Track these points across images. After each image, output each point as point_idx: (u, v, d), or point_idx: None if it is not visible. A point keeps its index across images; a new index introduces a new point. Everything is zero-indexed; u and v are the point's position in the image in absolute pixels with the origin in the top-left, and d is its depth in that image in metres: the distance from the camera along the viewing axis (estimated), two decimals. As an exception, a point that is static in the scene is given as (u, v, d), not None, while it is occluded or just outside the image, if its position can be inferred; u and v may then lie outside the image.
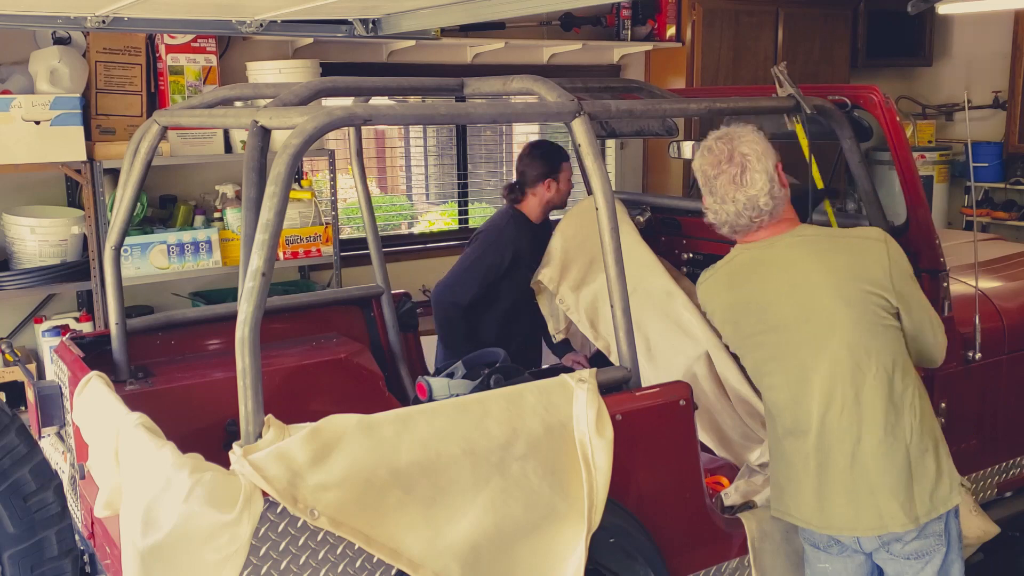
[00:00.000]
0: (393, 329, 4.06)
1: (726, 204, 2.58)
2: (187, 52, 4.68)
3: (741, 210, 2.57)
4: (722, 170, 2.57)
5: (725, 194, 2.57)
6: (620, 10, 6.03)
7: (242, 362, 2.23)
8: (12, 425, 2.88)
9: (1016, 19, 6.82)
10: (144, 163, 3.19)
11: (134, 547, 2.23)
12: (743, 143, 2.58)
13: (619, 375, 2.74)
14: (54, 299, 4.77)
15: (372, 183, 6.16)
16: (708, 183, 2.60)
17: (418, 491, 2.36)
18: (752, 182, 2.55)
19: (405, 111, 2.73)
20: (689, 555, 2.89)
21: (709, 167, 2.60)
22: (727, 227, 2.64)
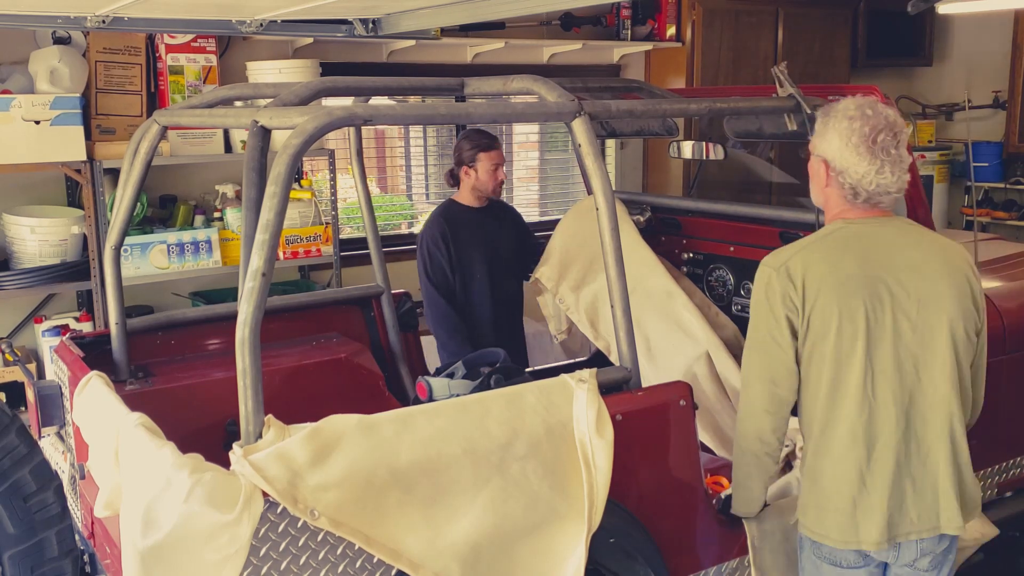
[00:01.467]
0: (393, 329, 4.06)
1: (883, 172, 2.45)
2: (187, 52, 4.68)
3: (892, 181, 2.45)
4: (886, 135, 2.45)
5: (884, 160, 2.44)
6: (620, 10, 6.03)
7: (242, 362, 2.23)
8: (12, 425, 2.88)
9: (1016, 19, 6.82)
10: (144, 163, 3.19)
11: (134, 547, 2.23)
12: (898, 117, 2.50)
13: (619, 375, 2.74)
14: (54, 299, 4.77)
15: (372, 183, 6.16)
16: (865, 143, 2.44)
17: (418, 491, 2.36)
18: (905, 157, 2.48)
19: (405, 111, 2.73)
20: (689, 555, 2.89)
21: (871, 129, 2.44)
22: (864, 197, 2.48)
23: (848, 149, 2.45)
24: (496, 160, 4.18)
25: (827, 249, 2.50)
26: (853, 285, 2.45)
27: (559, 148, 6.65)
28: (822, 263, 2.48)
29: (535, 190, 6.59)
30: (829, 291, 2.45)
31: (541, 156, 6.66)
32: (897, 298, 2.45)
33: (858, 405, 2.47)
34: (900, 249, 2.50)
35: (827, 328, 2.46)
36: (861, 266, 2.47)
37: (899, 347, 2.46)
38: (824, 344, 2.47)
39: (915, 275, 2.47)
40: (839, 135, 2.47)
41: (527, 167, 6.61)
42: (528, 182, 6.60)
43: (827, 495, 2.52)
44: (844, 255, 2.48)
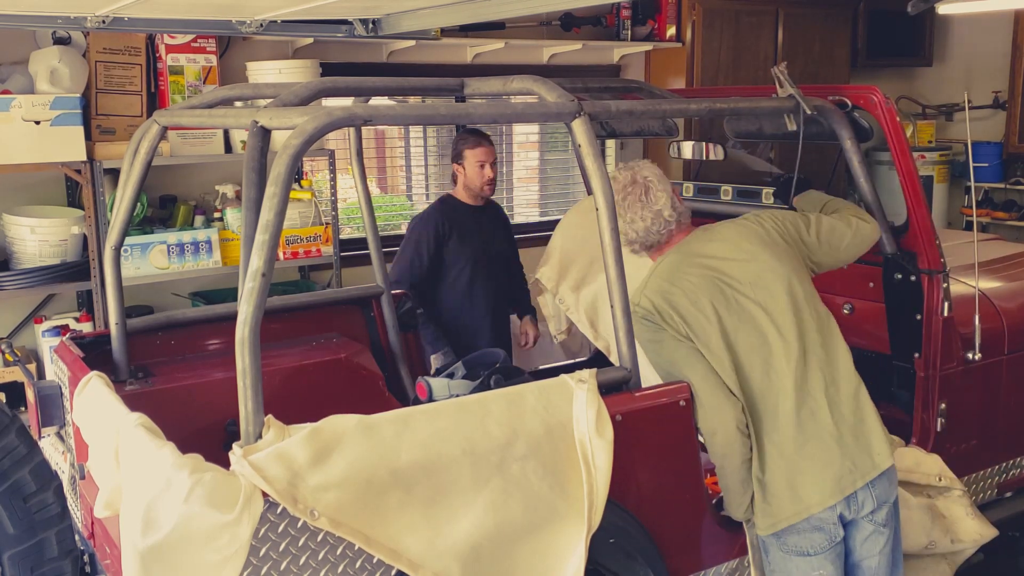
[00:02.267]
0: (393, 329, 4.06)
1: (636, 223, 2.87)
2: (187, 52, 4.68)
3: (650, 225, 2.86)
4: (628, 192, 2.87)
5: (635, 214, 2.86)
6: (620, 10, 6.03)
7: (242, 362, 2.23)
8: (12, 426, 2.88)
9: (1016, 19, 6.82)
10: (144, 163, 3.19)
11: (134, 547, 2.23)
12: (643, 168, 2.91)
13: (619, 375, 2.74)
14: (54, 299, 4.77)
15: (372, 183, 6.16)
16: (618, 207, 2.81)
17: (418, 491, 2.36)
18: (656, 199, 2.86)
19: (405, 111, 2.73)
20: (689, 555, 2.89)
21: (616, 193, 2.84)
22: (638, 244, 2.91)
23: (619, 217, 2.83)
24: (481, 157, 4.31)
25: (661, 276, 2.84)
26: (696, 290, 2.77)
27: (559, 148, 6.65)
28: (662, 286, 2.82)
29: (535, 190, 6.60)
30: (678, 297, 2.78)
31: (541, 156, 6.66)
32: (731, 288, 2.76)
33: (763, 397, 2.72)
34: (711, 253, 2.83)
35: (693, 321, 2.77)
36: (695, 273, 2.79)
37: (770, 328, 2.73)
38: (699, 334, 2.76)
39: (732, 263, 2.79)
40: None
41: (527, 167, 6.62)
42: (528, 182, 6.60)
43: (765, 486, 2.72)
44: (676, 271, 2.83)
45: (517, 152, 6.54)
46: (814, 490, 2.67)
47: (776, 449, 2.71)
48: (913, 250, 3.31)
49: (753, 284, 2.77)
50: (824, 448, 2.68)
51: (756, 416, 2.73)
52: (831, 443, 2.69)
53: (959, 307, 3.40)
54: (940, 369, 3.36)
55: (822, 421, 2.69)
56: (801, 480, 2.68)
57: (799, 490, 2.68)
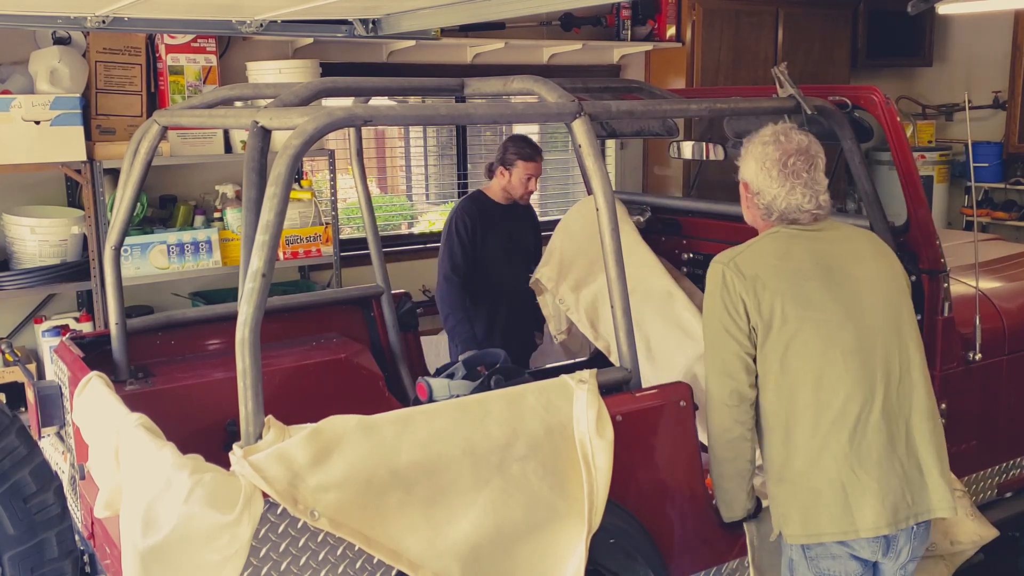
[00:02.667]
0: (393, 329, 4.06)
1: (795, 192, 2.58)
2: (187, 52, 4.67)
3: (804, 202, 2.59)
4: (798, 159, 2.59)
5: (796, 182, 2.58)
6: (620, 10, 6.03)
7: (242, 363, 2.23)
8: (12, 426, 2.88)
9: (1016, 19, 6.82)
10: (144, 163, 3.19)
11: (134, 548, 2.23)
12: (812, 142, 2.64)
13: (619, 376, 2.74)
14: (54, 299, 4.76)
15: (372, 183, 6.16)
16: (780, 166, 2.58)
17: (418, 492, 2.35)
18: (821, 180, 2.62)
19: (405, 111, 2.73)
20: (689, 556, 2.89)
21: (781, 153, 2.59)
22: (776, 215, 2.62)
23: (762, 172, 2.62)
24: (532, 171, 4.34)
25: (773, 245, 2.62)
26: (803, 274, 2.56)
27: (559, 148, 6.65)
28: (770, 256, 2.59)
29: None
30: (780, 282, 2.54)
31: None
32: (845, 284, 2.56)
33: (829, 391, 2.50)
34: (837, 241, 2.63)
35: (783, 318, 2.53)
36: (807, 257, 2.58)
37: (860, 328, 2.53)
38: (780, 334, 2.53)
39: (857, 262, 2.61)
40: (755, 159, 2.64)
41: (527, 167, 6.61)
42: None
43: (813, 491, 2.51)
44: (790, 249, 2.60)
45: (517, 152, 6.52)
46: (870, 512, 2.46)
47: (832, 455, 2.48)
48: (913, 250, 3.31)
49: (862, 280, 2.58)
50: (887, 472, 2.48)
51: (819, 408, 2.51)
52: (895, 468, 2.49)
53: (959, 307, 3.40)
54: (940, 369, 3.36)
55: (892, 444, 2.50)
56: (858, 496, 2.47)
57: (854, 506, 2.47)
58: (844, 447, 2.48)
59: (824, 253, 2.60)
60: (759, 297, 2.54)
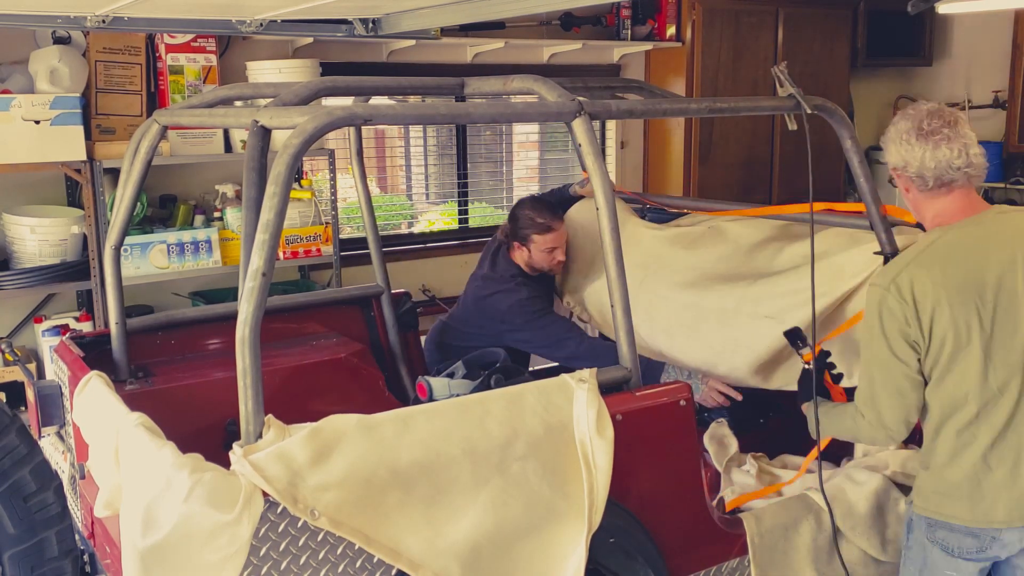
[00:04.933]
0: (393, 329, 4.07)
1: (940, 149, 2.50)
2: (187, 52, 4.67)
3: (953, 157, 2.50)
4: (934, 119, 2.53)
5: (938, 139, 2.50)
6: (620, 10, 6.03)
7: (242, 362, 2.23)
8: (12, 426, 2.88)
9: (1016, 19, 6.83)
10: (144, 163, 3.19)
11: (134, 547, 2.23)
12: (943, 105, 2.59)
13: (619, 375, 2.74)
14: (54, 299, 4.76)
15: (372, 183, 6.16)
16: (916, 131, 2.53)
17: (418, 491, 2.36)
18: (967, 135, 2.52)
19: (405, 111, 2.73)
20: (689, 555, 2.89)
21: (913, 122, 2.54)
22: (933, 181, 2.52)
23: (902, 146, 2.56)
24: (553, 243, 3.85)
25: (932, 259, 2.52)
26: (963, 290, 2.47)
27: (559, 148, 6.65)
28: (929, 274, 2.49)
29: (535, 190, 6.59)
30: (942, 301, 2.47)
31: (541, 156, 6.66)
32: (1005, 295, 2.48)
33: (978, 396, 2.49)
34: (998, 246, 2.52)
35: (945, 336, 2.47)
36: (966, 271, 2.49)
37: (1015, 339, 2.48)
38: (943, 350, 2.49)
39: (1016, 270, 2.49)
40: (892, 141, 2.59)
41: (527, 167, 6.62)
42: (528, 182, 6.60)
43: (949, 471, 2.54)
44: (948, 262, 2.50)
45: (517, 152, 6.54)
46: (1001, 506, 2.49)
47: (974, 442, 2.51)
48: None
49: None
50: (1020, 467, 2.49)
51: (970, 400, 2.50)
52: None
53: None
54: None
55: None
56: (990, 487, 2.50)
57: (984, 497, 2.50)
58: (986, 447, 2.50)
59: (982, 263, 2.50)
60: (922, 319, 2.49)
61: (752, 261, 3.69)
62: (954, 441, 2.54)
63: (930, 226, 2.63)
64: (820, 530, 3.04)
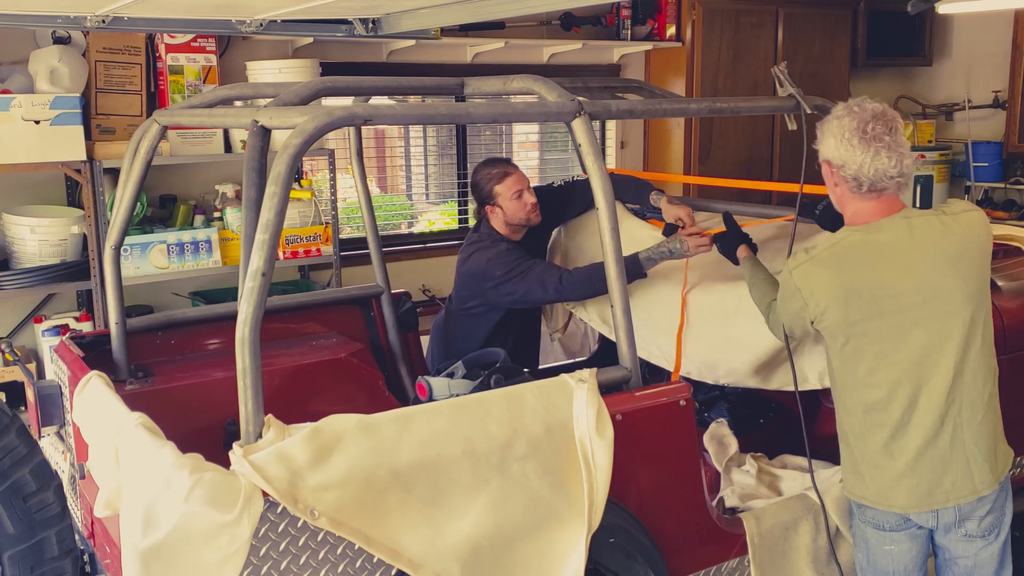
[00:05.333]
0: (393, 329, 4.06)
1: (879, 157, 2.55)
2: (187, 52, 4.68)
3: (890, 167, 2.55)
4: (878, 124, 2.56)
5: (879, 146, 2.54)
6: (620, 10, 6.03)
7: (242, 362, 2.23)
8: (12, 425, 2.88)
9: (1016, 19, 6.82)
10: (144, 163, 3.19)
11: (134, 547, 2.23)
12: (887, 108, 2.62)
13: (619, 375, 2.74)
14: (54, 299, 4.77)
15: (372, 183, 6.16)
16: (860, 134, 2.55)
17: (418, 491, 2.36)
18: (903, 143, 2.59)
19: (405, 111, 2.73)
20: (689, 555, 2.89)
21: (859, 122, 2.56)
22: (867, 185, 2.58)
23: (842, 144, 2.59)
24: (515, 187, 3.81)
25: (832, 259, 2.62)
26: (856, 291, 2.58)
27: (559, 148, 6.65)
28: (826, 272, 2.61)
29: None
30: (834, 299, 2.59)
31: (541, 156, 6.66)
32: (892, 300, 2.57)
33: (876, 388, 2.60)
34: (903, 252, 2.60)
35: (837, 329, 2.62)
36: (861, 273, 2.59)
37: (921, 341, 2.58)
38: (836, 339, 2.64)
39: (916, 276, 2.58)
40: (833, 135, 2.62)
41: (527, 167, 6.62)
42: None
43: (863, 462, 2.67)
44: (845, 263, 2.61)
45: (517, 152, 6.54)
46: (902, 493, 2.62)
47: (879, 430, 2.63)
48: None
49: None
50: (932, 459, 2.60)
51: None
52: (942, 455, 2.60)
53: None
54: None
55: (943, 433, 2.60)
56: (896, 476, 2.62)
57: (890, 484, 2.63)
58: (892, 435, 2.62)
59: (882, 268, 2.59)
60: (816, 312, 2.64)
61: None
62: (863, 421, 2.67)
63: (848, 222, 2.69)
64: (819, 531, 3.04)
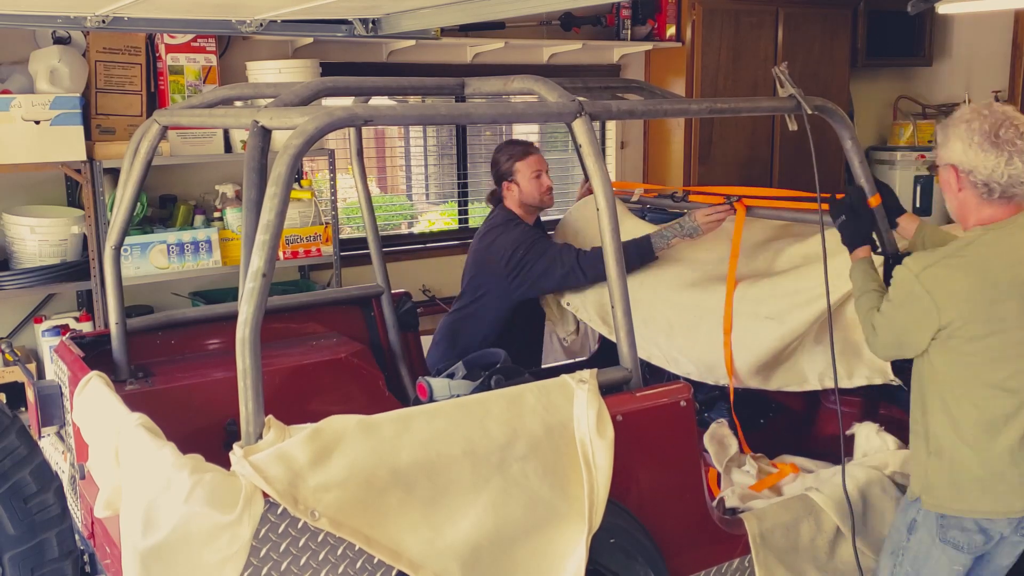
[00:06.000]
0: (393, 329, 4.06)
1: (1013, 162, 2.47)
2: (187, 52, 4.67)
3: (1023, 172, 2.47)
4: (1007, 128, 2.48)
5: (1012, 150, 2.47)
6: (620, 10, 6.03)
7: (243, 363, 2.23)
8: (12, 427, 2.88)
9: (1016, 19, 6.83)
10: (144, 163, 3.19)
11: (134, 548, 2.23)
12: (1016, 112, 2.54)
13: (619, 375, 2.74)
14: (54, 299, 4.76)
15: (372, 183, 6.16)
16: (991, 137, 2.47)
17: (418, 492, 2.36)
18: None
19: (405, 111, 2.73)
20: (689, 555, 2.89)
21: (990, 126, 2.49)
22: (999, 192, 2.50)
23: (972, 149, 2.49)
24: (536, 166, 3.98)
25: (968, 260, 2.53)
26: (997, 291, 2.48)
27: (559, 148, 6.65)
28: (960, 273, 2.51)
29: (535, 190, 6.59)
30: (970, 302, 2.48)
31: (541, 156, 6.65)
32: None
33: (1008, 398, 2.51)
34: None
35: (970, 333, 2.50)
36: (1004, 267, 2.49)
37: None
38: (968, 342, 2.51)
39: None
40: (960, 139, 2.52)
41: (527, 167, 6.61)
42: (528, 182, 6.59)
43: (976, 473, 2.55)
44: (986, 259, 2.51)
45: (517, 152, 6.52)
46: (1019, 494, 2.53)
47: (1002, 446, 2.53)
48: (913, 250, 3.32)
49: None
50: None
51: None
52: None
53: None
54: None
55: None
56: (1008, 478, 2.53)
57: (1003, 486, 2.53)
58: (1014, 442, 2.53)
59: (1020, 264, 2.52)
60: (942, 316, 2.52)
61: (753, 262, 3.69)
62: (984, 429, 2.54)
63: (971, 226, 2.61)
64: (820, 531, 3.04)
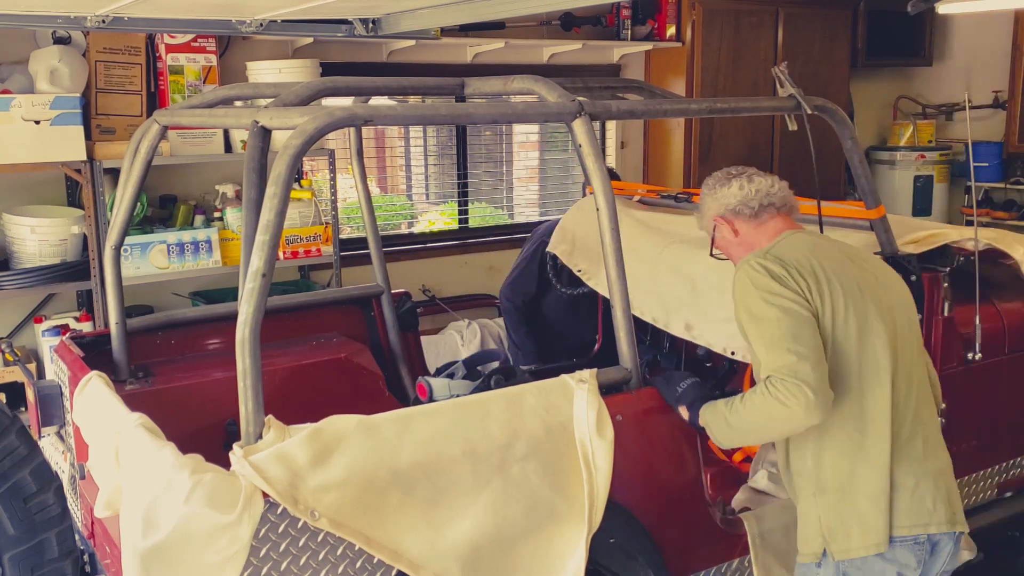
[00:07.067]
0: (393, 329, 4.06)
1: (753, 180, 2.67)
2: (187, 52, 4.67)
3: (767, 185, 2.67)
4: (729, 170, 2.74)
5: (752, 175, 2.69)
6: (620, 10, 6.03)
7: (242, 363, 2.23)
8: (12, 427, 2.88)
9: (1016, 19, 6.82)
10: (144, 163, 3.19)
11: (134, 548, 2.23)
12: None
13: (619, 375, 2.74)
14: (54, 299, 4.76)
15: (372, 183, 6.16)
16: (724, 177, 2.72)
17: (419, 492, 2.35)
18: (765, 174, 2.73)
19: (405, 111, 2.73)
20: (689, 555, 2.89)
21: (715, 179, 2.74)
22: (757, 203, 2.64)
23: (717, 192, 2.69)
24: None
25: (793, 245, 2.56)
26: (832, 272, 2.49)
27: (559, 148, 6.65)
28: (797, 252, 2.52)
29: (535, 190, 6.60)
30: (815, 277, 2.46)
31: (541, 156, 6.66)
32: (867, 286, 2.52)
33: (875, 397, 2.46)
34: (841, 247, 2.62)
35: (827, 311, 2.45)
36: (828, 258, 2.53)
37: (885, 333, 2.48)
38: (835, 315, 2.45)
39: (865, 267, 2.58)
40: (706, 197, 2.73)
41: (527, 167, 6.62)
42: (528, 182, 6.60)
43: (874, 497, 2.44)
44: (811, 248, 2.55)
45: (517, 152, 6.54)
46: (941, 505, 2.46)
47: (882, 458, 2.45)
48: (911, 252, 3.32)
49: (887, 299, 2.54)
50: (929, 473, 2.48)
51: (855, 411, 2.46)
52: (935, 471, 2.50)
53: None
54: (940, 369, 3.36)
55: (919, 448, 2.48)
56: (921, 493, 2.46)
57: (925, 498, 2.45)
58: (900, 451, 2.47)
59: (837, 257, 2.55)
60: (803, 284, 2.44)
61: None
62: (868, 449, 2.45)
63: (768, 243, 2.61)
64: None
